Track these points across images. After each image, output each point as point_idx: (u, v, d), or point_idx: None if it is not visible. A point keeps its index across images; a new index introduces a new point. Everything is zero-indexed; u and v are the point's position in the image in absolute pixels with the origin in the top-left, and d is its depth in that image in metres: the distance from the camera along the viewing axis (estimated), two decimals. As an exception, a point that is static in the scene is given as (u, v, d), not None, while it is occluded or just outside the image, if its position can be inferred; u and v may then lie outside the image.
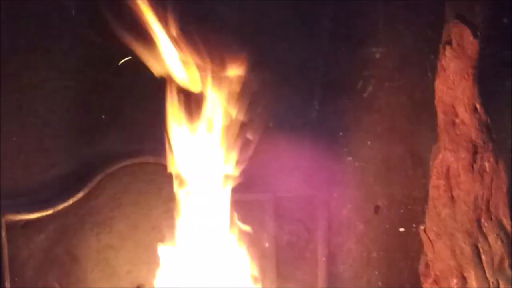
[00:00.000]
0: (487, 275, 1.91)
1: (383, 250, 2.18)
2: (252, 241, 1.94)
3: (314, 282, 2.13)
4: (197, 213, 1.86)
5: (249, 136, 1.88)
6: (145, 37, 1.78)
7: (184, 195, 1.85)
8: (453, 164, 1.91)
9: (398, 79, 2.11)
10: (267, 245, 2.05)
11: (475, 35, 1.86)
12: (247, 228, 1.89)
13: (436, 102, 1.93)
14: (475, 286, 1.90)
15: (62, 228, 1.93)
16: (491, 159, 1.90)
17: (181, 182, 1.85)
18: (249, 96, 1.88)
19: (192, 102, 1.83)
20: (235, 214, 1.89)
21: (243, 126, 1.86)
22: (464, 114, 1.90)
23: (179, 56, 1.79)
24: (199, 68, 1.80)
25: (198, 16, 1.94)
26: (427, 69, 2.07)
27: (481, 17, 1.88)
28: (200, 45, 1.80)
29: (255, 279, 1.90)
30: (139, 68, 1.89)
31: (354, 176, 2.15)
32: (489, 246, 1.91)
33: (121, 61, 1.87)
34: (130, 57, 1.85)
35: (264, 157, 2.03)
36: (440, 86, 1.91)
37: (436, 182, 1.93)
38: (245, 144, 1.89)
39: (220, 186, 1.87)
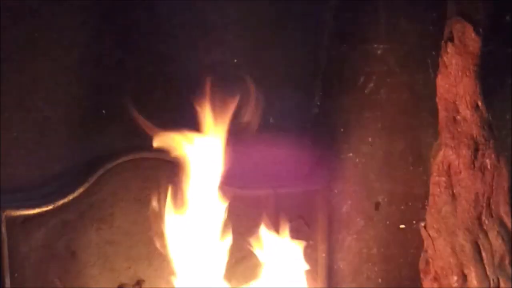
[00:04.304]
0: (488, 273, 1.91)
1: (383, 246, 2.18)
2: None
3: (314, 278, 2.13)
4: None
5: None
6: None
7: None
8: (454, 161, 1.91)
9: (399, 75, 2.10)
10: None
11: (477, 32, 1.86)
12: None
13: (437, 99, 1.92)
14: (475, 284, 1.90)
15: (62, 223, 1.92)
16: (492, 157, 1.90)
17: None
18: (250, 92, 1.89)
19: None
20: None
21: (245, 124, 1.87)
22: (465, 111, 1.89)
23: None
24: None
25: (198, 15, 1.94)
26: (429, 65, 2.07)
27: (483, 14, 1.88)
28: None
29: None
30: (140, 64, 1.90)
31: (355, 172, 2.15)
32: (490, 243, 1.91)
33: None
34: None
35: (265, 153, 2.03)
36: (441, 82, 1.91)
37: (436, 179, 1.93)
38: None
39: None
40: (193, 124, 1.86)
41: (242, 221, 1.98)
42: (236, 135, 1.91)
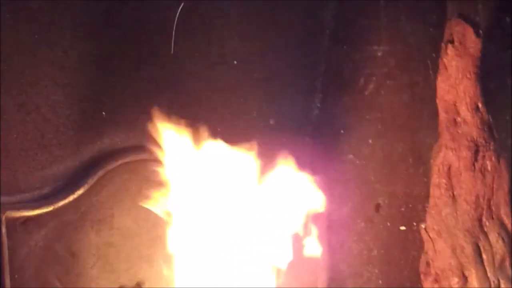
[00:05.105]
0: (488, 274, 1.91)
1: (384, 248, 2.18)
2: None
3: (314, 280, 2.13)
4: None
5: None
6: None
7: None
8: (455, 162, 1.91)
9: (399, 77, 2.11)
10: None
11: (477, 34, 1.86)
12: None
13: (437, 101, 1.92)
14: (476, 285, 1.90)
15: (62, 225, 1.92)
16: (493, 158, 1.90)
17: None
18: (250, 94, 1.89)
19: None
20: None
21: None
22: (465, 112, 1.89)
23: None
24: None
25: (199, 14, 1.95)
26: (429, 67, 2.07)
27: (483, 16, 1.88)
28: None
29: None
30: (140, 65, 1.89)
31: (355, 174, 2.15)
32: (490, 245, 1.91)
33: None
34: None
35: (265, 154, 2.03)
36: (442, 84, 1.91)
37: (437, 180, 1.93)
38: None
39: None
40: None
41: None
42: (235, 137, 1.91)
